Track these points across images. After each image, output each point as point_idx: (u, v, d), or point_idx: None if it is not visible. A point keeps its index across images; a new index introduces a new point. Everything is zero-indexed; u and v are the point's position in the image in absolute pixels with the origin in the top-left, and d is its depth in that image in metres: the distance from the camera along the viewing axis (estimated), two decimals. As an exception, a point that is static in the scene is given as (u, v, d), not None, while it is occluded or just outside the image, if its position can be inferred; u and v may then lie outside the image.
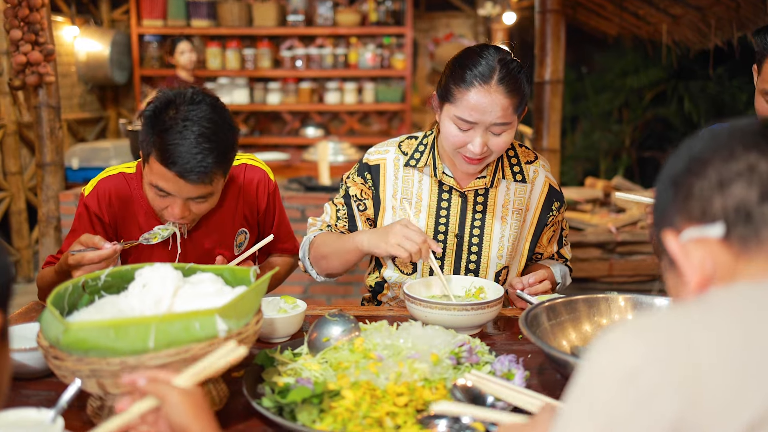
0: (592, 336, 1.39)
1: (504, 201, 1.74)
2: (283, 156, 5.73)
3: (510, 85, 1.54)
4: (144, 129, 1.52)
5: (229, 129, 1.53)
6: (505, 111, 1.54)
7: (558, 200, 1.78)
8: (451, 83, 1.57)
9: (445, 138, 1.61)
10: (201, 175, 1.47)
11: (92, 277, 1.23)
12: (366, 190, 1.77)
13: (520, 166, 1.76)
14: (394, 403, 1.11)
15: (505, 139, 1.59)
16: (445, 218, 1.73)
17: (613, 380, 0.64)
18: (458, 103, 1.55)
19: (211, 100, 1.53)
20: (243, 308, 1.11)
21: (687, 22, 4.35)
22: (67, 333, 0.99)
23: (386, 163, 1.76)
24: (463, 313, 1.45)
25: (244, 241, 1.80)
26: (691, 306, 0.69)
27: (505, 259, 1.74)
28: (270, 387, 1.19)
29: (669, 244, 0.76)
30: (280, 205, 1.89)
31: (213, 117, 1.49)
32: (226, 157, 1.52)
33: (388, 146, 1.79)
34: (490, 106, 1.53)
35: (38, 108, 3.53)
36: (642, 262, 4.20)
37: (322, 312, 1.59)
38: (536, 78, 3.80)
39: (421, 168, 1.73)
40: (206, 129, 1.47)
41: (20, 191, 5.03)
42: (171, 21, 5.88)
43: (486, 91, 1.53)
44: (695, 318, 0.67)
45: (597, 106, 7.56)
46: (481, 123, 1.55)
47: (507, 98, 1.54)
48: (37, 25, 3.32)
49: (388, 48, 5.98)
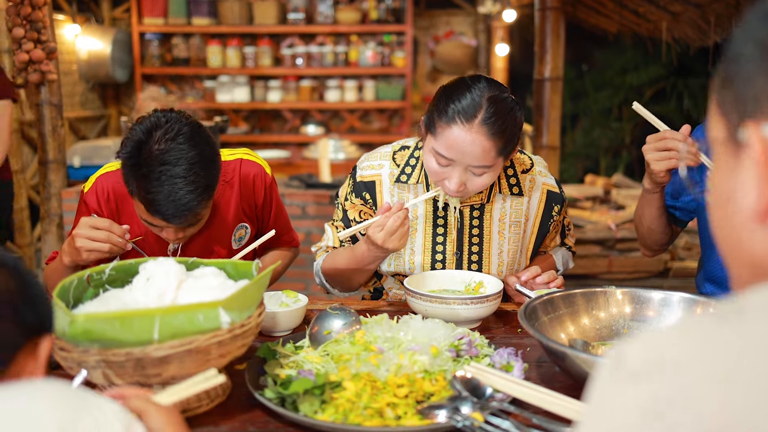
0: (590, 329, 1.41)
1: (500, 215, 1.70)
2: (284, 154, 5.75)
3: (495, 126, 1.43)
4: (124, 169, 1.48)
5: (209, 161, 1.49)
6: (487, 153, 1.45)
7: (557, 203, 1.75)
8: (435, 115, 1.49)
9: (427, 168, 1.55)
10: (184, 217, 1.46)
11: (97, 270, 1.25)
12: (366, 210, 1.73)
13: (517, 177, 1.70)
14: (394, 394, 1.13)
15: (485, 181, 1.51)
16: (442, 236, 1.69)
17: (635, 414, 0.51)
18: (438, 138, 1.47)
19: (188, 130, 1.47)
20: (246, 301, 1.12)
21: (687, 20, 4.36)
22: (73, 324, 1.01)
23: (382, 179, 1.71)
24: (463, 307, 1.47)
25: (245, 235, 1.82)
26: (725, 321, 0.52)
27: (505, 273, 1.72)
28: (272, 379, 1.21)
29: (751, 140, 0.54)
30: (278, 198, 1.90)
31: (190, 154, 1.44)
32: (208, 190, 1.49)
33: (381, 160, 1.73)
34: (469, 147, 1.44)
35: (40, 106, 3.55)
36: (641, 259, 4.21)
37: (323, 306, 1.61)
38: (536, 75, 3.81)
39: (414, 184, 1.69)
40: (184, 170, 1.43)
41: (22, 189, 5.05)
42: (172, 19, 5.89)
43: (467, 130, 1.43)
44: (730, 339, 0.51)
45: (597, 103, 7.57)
46: (459, 162, 1.47)
47: (489, 140, 1.44)
48: (39, 23, 3.34)
49: (389, 46, 5.99)
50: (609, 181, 5.10)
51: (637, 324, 1.42)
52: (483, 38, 6.63)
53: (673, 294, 1.42)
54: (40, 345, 0.85)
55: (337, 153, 5.26)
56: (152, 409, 0.91)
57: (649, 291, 1.44)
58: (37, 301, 0.86)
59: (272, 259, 1.92)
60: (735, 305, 0.53)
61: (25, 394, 0.73)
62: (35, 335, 0.85)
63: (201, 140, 1.48)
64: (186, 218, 1.47)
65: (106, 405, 0.78)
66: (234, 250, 1.79)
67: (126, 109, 6.41)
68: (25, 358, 0.83)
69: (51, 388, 0.75)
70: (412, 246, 1.71)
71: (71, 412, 0.73)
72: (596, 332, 1.41)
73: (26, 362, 0.84)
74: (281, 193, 3.90)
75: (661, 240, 1.87)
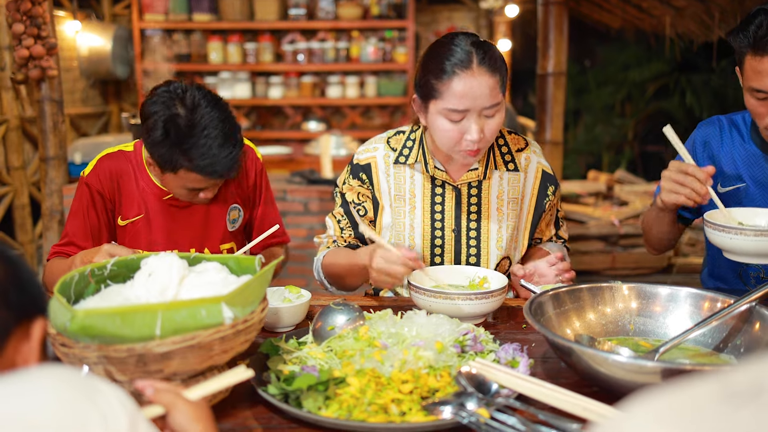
0: (596, 324, 1.39)
1: (498, 192, 1.72)
2: (286, 150, 5.73)
3: (491, 63, 1.51)
4: (162, 149, 1.57)
5: (231, 115, 1.63)
6: (493, 91, 1.51)
7: (552, 184, 1.78)
8: (431, 79, 1.53)
9: (440, 135, 1.56)
10: (234, 169, 1.62)
11: (98, 266, 1.23)
12: (364, 191, 1.75)
13: (512, 155, 1.74)
14: (399, 390, 1.12)
15: (498, 121, 1.56)
16: (440, 213, 1.71)
17: None
18: (445, 96, 1.51)
19: (201, 95, 1.59)
20: (248, 296, 1.11)
21: (690, 15, 4.34)
22: (74, 320, 0.99)
23: (377, 161, 1.74)
24: (467, 303, 1.45)
25: (238, 217, 1.84)
26: (740, 405, 0.43)
27: (504, 249, 1.73)
28: (275, 375, 1.20)
29: None
30: (269, 187, 1.92)
31: (217, 114, 1.58)
32: (242, 140, 1.65)
33: (376, 143, 1.77)
34: (478, 89, 1.50)
35: (41, 102, 3.53)
36: (644, 255, 4.20)
37: (326, 302, 1.60)
38: (539, 70, 3.79)
39: (411, 164, 1.71)
40: (221, 129, 1.57)
41: (23, 186, 5.04)
42: (172, 15, 5.87)
43: (471, 75, 1.50)
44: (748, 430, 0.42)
45: (599, 99, 7.55)
46: (473, 109, 1.51)
47: (492, 77, 1.51)
48: (40, 18, 3.32)
49: (390, 41, 5.97)
50: (612, 177, 5.08)
51: (644, 320, 1.41)
52: (485, 33, 6.61)
53: (680, 289, 1.41)
54: (33, 327, 0.85)
55: (339, 149, 5.24)
56: (180, 403, 0.91)
57: (655, 286, 1.43)
58: (26, 284, 0.85)
59: (269, 257, 1.92)
60: (750, 380, 0.44)
61: (31, 381, 0.73)
62: (27, 318, 0.85)
63: (215, 99, 1.62)
64: (234, 170, 1.63)
65: (111, 393, 0.77)
66: (229, 232, 1.83)
67: (127, 106, 6.40)
68: (18, 342, 0.83)
69: (57, 375, 0.74)
70: (412, 223, 1.72)
71: (76, 401, 0.72)
72: (602, 327, 1.40)
73: (19, 345, 0.83)
74: (283, 190, 3.89)
75: (670, 242, 1.87)
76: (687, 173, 1.52)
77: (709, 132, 1.81)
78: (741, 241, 1.40)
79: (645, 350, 1.32)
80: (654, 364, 1.08)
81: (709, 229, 1.47)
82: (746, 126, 1.76)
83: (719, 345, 1.32)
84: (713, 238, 1.47)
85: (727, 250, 1.46)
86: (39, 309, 0.87)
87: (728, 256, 1.48)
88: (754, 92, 1.54)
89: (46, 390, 0.72)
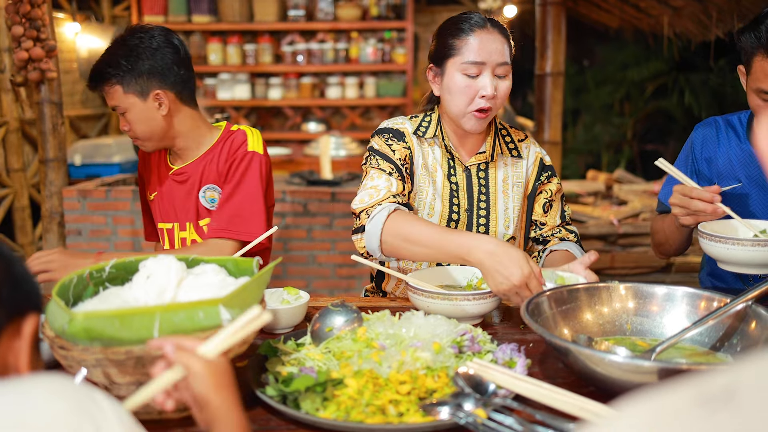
0: (593, 324, 1.40)
1: (504, 176, 1.81)
2: (285, 151, 5.74)
3: (501, 28, 1.70)
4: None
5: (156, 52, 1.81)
6: (505, 50, 1.67)
7: (547, 171, 1.85)
8: (449, 39, 1.68)
9: (455, 94, 1.67)
10: (93, 81, 1.84)
11: (97, 268, 1.24)
12: (407, 153, 1.73)
13: (515, 143, 1.84)
14: (396, 391, 1.12)
15: (508, 84, 1.69)
16: (455, 192, 1.78)
17: None
18: (463, 51, 1.65)
19: (165, 34, 1.81)
20: (246, 298, 1.12)
21: (688, 14, 4.34)
22: (73, 323, 1.00)
23: (408, 133, 1.77)
24: (465, 303, 1.46)
25: (217, 197, 1.86)
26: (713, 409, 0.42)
27: (512, 229, 1.80)
28: (274, 376, 1.20)
29: None
30: (242, 180, 1.80)
31: (150, 43, 1.80)
32: (131, 65, 1.78)
33: (402, 119, 1.80)
34: (493, 44, 1.65)
35: (40, 104, 3.54)
36: (644, 254, 4.20)
37: (324, 303, 1.60)
38: (537, 70, 3.80)
39: (430, 139, 1.77)
40: (128, 46, 1.80)
41: (23, 188, 5.04)
42: (172, 17, 5.88)
43: (486, 32, 1.66)
44: None
45: (598, 98, 7.55)
46: (489, 63, 1.65)
47: (503, 37, 1.68)
48: (39, 21, 3.33)
49: (389, 42, 5.97)
50: (611, 176, 5.09)
51: (641, 319, 1.41)
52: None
53: (677, 289, 1.41)
54: (25, 324, 0.84)
55: (339, 150, 5.25)
56: (200, 367, 0.90)
57: (652, 286, 1.43)
58: (20, 280, 0.84)
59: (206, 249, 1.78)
60: (724, 384, 0.43)
61: (24, 392, 0.71)
62: (19, 315, 0.83)
63: (171, 42, 1.81)
64: (95, 81, 1.85)
65: (108, 405, 0.76)
66: (205, 209, 1.87)
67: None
68: (9, 339, 0.82)
69: (51, 385, 0.73)
70: (434, 193, 1.76)
71: (69, 412, 0.71)
72: (600, 327, 1.40)
73: (11, 342, 0.82)
74: (282, 191, 3.90)
75: (682, 248, 1.87)
76: (691, 197, 1.53)
77: (706, 133, 1.82)
78: (736, 251, 1.40)
79: (642, 350, 1.32)
80: (650, 363, 1.09)
81: (704, 240, 1.48)
82: (742, 126, 1.77)
83: (716, 344, 1.33)
84: (709, 249, 1.47)
85: (723, 260, 1.47)
86: (32, 306, 0.86)
87: (723, 266, 1.49)
88: (761, 93, 1.54)
89: (39, 400, 0.70)
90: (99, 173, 4.85)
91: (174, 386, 0.93)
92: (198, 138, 1.88)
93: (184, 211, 1.90)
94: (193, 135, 1.87)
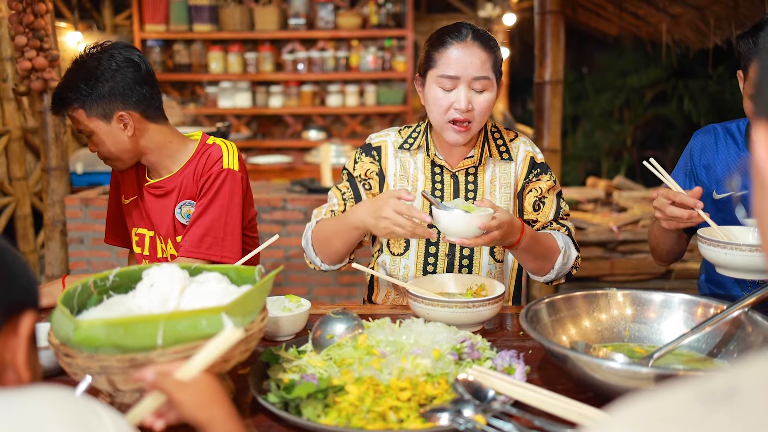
0: (591, 331, 1.41)
1: (491, 177, 1.80)
2: (286, 159, 5.76)
3: (484, 39, 1.66)
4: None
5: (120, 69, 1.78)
6: (483, 64, 1.64)
7: (537, 168, 1.81)
8: (430, 51, 1.68)
9: (432, 105, 1.68)
10: (56, 103, 1.76)
11: (101, 277, 1.25)
12: (373, 167, 1.81)
13: (506, 145, 1.82)
14: (397, 397, 1.13)
15: (486, 98, 1.66)
16: (440, 199, 1.77)
17: None
18: (439, 63, 1.65)
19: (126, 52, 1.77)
20: (248, 306, 1.13)
21: (686, 22, 4.37)
22: (78, 331, 1.01)
23: (387, 145, 1.83)
24: (465, 311, 1.47)
25: (192, 213, 1.86)
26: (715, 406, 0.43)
27: None
28: (275, 383, 1.22)
29: (757, 142, 0.54)
30: (216, 198, 1.79)
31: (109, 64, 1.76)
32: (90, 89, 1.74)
33: (388, 131, 1.87)
34: (468, 58, 1.63)
35: (43, 113, 3.56)
36: (643, 261, 4.21)
37: (326, 311, 1.62)
38: (536, 78, 3.82)
39: (414, 151, 1.80)
40: (87, 69, 1.75)
41: (25, 196, 5.06)
42: (173, 26, 5.91)
43: (464, 46, 1.64)
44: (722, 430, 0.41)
45: (598, 106, 7.58)
46: (463, 77, 1.64)
47: (483, 51, 1.65)
48: (42, 31, 3.36)
49: (389, 50, 6.01)
50: (610, 183, 5.10)
51: (638, 326, 1.42)
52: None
53: (674, 295, 1.43)
54: (22, 321, 0.82)
55: (339, 158, 5.27)
56: (175, 390, 0.92)
57: (649, 293, 1.45)
58: (15, 276, 0.82)
59: None
60: (723, 384, 0.43)
61: (23, 404, 0.70)
62: (15, 313, 0.82)
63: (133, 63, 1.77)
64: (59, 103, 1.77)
65: (108, 418, 0.75)
66: (181, 225, 1.85)
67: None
68: (5, 337, 0.81)
69: (49, 397, 0.72)
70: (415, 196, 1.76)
71: (67, 424, 0.70)
72: (598, 334, 1.42)
73: (7, 341, 0.81)
74: (283, 198, 3.91)
75: (678, 254, 1.88)
76: (674, 203, 1.54)
77: (704, 140, 1.83)
78: (735, 256, 1.41)
79: (640, 356, 1.34)
80: (648, 369, 1.10)
81: (703, 245, 1.49)
82: (741, 134, 1.78)
83: (713, 350, 1.34)
84: (707, 254, 1.48)
85: (721, 265, 1.48)
86: (28, 303, 0.84)
87: (721, 271, 1.49)
88: None
89: (37, 412, 0.69)
90: (101, 182, 4.87)
91: (163, 411, 0.95)
92: (171, 153, 1.85)
93: (161, 225, 1.88)
94: (166, 151, 1.84)
